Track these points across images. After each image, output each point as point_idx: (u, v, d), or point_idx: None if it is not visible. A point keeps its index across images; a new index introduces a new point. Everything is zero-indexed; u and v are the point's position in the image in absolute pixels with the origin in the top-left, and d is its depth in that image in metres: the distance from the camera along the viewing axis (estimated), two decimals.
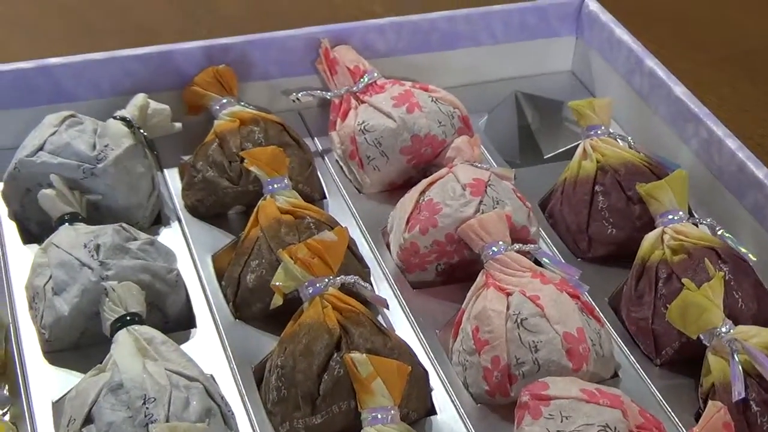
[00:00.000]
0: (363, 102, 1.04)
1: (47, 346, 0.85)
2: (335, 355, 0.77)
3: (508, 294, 0.82)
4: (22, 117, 1.01)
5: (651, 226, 0.90)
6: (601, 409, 0.72)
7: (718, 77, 1.25)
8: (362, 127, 1.01)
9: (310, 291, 0.80)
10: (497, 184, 0.92)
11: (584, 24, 1.17)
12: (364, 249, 0.94)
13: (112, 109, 0.98)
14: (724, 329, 0.77)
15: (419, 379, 0.80)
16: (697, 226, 0.89)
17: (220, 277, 0.91)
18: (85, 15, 1.38)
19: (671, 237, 0.87)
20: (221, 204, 0.98)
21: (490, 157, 1.06)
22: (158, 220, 0.99)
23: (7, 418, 0.80)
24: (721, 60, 1.29)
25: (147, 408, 0.72)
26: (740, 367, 0.75)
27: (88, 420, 0.73)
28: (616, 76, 1.12)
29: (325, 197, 1.01)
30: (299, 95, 1.07)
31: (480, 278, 0.84)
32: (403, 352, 0.80)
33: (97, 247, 0.84)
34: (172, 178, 1.03)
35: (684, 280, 0.79)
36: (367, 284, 0.86)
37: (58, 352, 0.84)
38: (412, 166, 1.01)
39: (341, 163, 1.04)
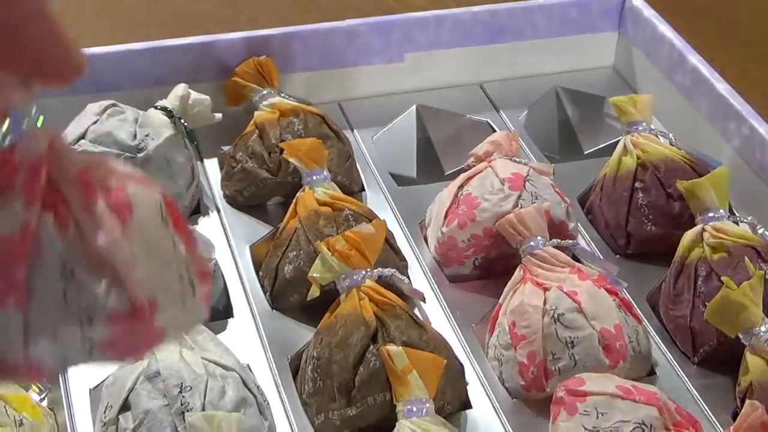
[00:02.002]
0: None
1: None
2: (371, 347, 0.77)
3: (546, 289, 0.81)
4: (64, 106, 1.01)
5: (691, 223, 0.89)
6: (637, 406, 0.72)
7: (762, 74, 1.24)
8: None
9: (347, 283, 0.80)
10: (536, 179, 0.92)
11: (627, 19, 1.17)
12: (402, 242, 0.94)
13: (153, 99, 0.99)
14: (763, 328, 0.76)
15: (455, 372, 0.80)
16: (737, 225, 0.88)
17: (257, 267, 0.92)
18: (126, 4, 1.38)
19: (711, 235, 0.86)
20: (260, 195, 0.98)
21: (529, 152, 1.05)
22: (197, 209, 0.99)
23: (45, 404, 0.80)
24: (766, 56, 1.27)
25: (183, 396, 0.72)
26: None
27: (125, 407, 0.74)
28: (658, 73, 1.12)
29: (363, 189, 1.01)
30: None
31: (517, 273, 0.84)
32: (439, 345, 0.80)
33: None
34: (212, 169, 1.03)
35: (723, 279, 0.78)
36: (405, 277, 0.86)
37: None
38: None
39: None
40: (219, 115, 1.01)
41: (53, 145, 0.31)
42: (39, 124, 0.35)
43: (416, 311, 0.86)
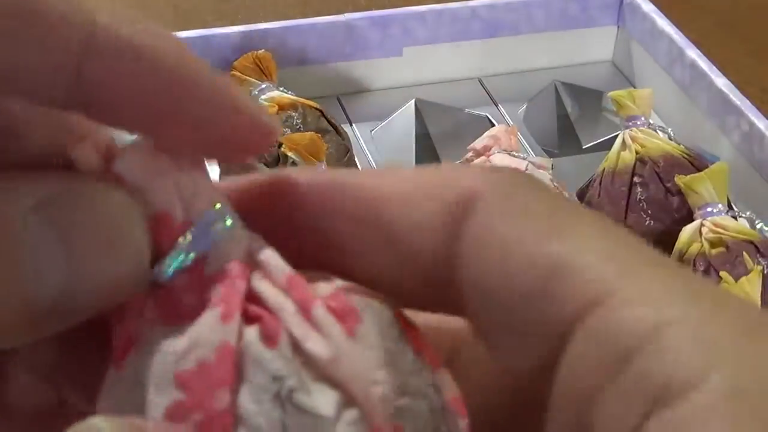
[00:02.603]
0: None
1: None
2: None
3: None
4: None
5: (689, 218, 0.89)
6: None
7: (761, 69, 1.24)
8: None
9: None
10: (535, 174, 0.92)
11: (626, 13, 1.17)
12: None
13: None
14: None
15: None
16: (736, 220, 0.88)
17: None
18: None
19: (710, 230, 0.86)
20: None
21: (528, 147, 1.05)
22: None
23: None
24: (765, 50, 1.27)
25: None
26: None
27: None
28: (657, 67, 1.12)
29: None
30: None
31: None
32: None
33: None
34: (210, 163, 1.03)
35: (722, 274, 0.78)
36: None
37: None
38: None
39: None
40: None
41: (251, 252, 0.26)
42: (228, 224, 0.26)
43: None
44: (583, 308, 0.22)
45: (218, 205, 0.26)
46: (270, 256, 0.26)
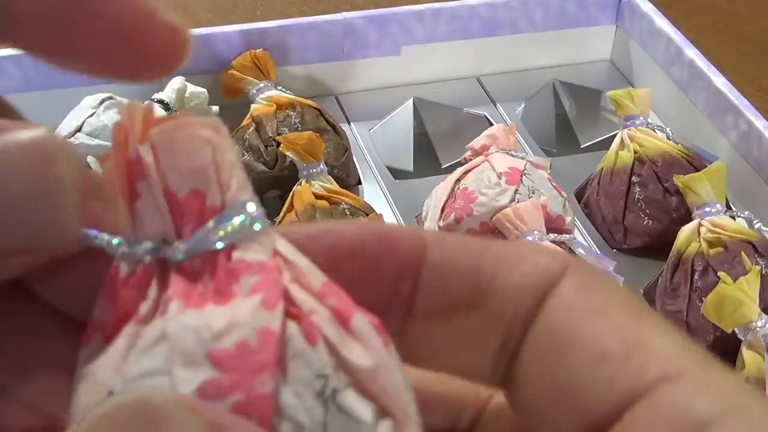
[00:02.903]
0: None
1: None
2: None
3: None
4: (60, 98, 1.01)
5: (688, 218, 0.90)
6: None
7: (759, 68, 1.24)
8: None
9: None
10: (533, 173, 0.92)
11: (624, 13, 1.17)
12: None
13: (150, 92, 0.99)
14: (759, 324, 0.76)
15: None
16: (734, 219, 0.88)
17: None
18: None
19: (708, 230, 0.86)
20: (256, 188, 0.97)
21: (526, 146, 1.05)
22: None
23: None
24: (763, 50, 1.27)
25: None
26: None
27: None
28: (655, 66, 1.12)
29: (360, 183, 1.01)
30: None
31: None
32: None
33: None
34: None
35: (720, 274, 0.78)
36: None
37: None
38: None
39: None
40: (216, 108, 1.01)
41: (282, 254, 0.26)
42: (256, 228, 0.25)
43: None
44: (654, 380, 0.24)
45: (253, 204, 0.25)
46: (304, 260, 0.25)
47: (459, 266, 0.27)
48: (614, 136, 0.99)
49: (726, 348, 0.81)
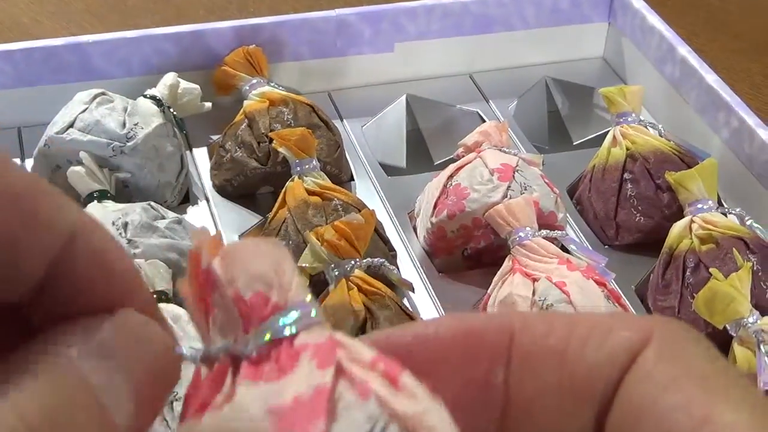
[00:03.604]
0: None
1: None
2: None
3: (534, 280, 0.82)
4: (53, 94, 1.01)
5: (679, 214, 0.90)
6: None
7: (750, 65, 1.24)
8: None
9: (336, 273, 0.80)
10: (525, 170, 0.92)
11: (617, 10, 1.17)
12: (391, 232, 0.94)
13: (143, 88, 0.99)
14: (751, 320, 0.77)
15: None
16: (726, 216, 0.88)
17: None
18: None
19: (700, 226, 0.86)
20: (249, 184, 0.98)
21: (518, 143, 1.05)
22: (186, 199, 0.99)
23: None
24: (755, 47, 1.28)
25: (175, 394, 0.72)
26: (766, 358, 0.75)
27: None
28: (647, 63, 1.12)
29: (353, 179, 1.01)
30: None
31: (506, 264, 0.84)
32: None
33: (125, 225, 0.85)
34: (201, 158, 1.03)
35: (712, 270, 0.79)
36: (394, 267, 0.86)
37: None
38: None
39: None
40: (209, 104, 1.01)
41: (340, 341, 0.28)
42: (314, 315, 0.29)
43: (405, 301, 0.86)
44: None
45: (309, 297, 0.28)
46: (354, 342, 0.28)
47: (548, 350, 0.28)
48: (606, 133, 0.99)
49: (717, 344, 0.81)
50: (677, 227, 0.88)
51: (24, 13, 1.30)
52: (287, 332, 0.27)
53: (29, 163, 0.98)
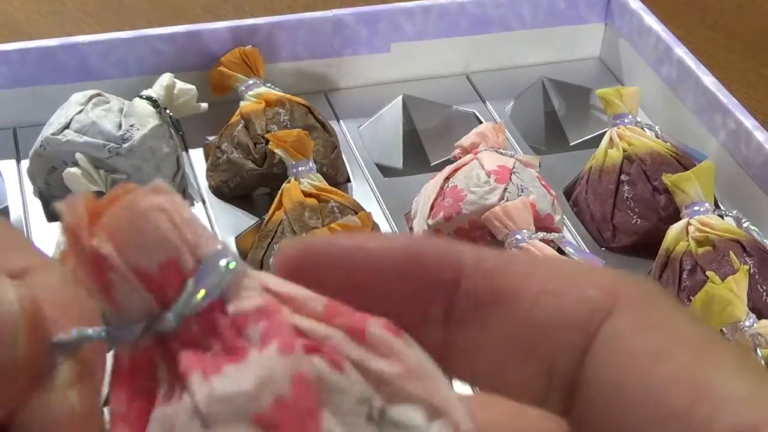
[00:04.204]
0: None
1: None
2: None
3: None
4: (48, 94, 1.01)
5: (676, 217, 0.90)
6: None
7: (747, 65, 1.24)
8: None
9: None
10: (522, 172, 0.92)
11: (614, 10, 1.17)
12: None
13: (138, 88, 0.98)
14: (747, 323, 0.77)
15: None
16: (722, 218, 0.88)
17: (243, 258, 0.91)
18: None
19: (696, 228, 0.86)
20: (245, 185, 0.98)
21: (515, 144, 1.05)
22: None
23: None
24: (751, 47, 1.28)
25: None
26: (763, 362, 0.75)
27: None
28: (644, 64, 1.12)
29: (349, 180, 1.01)
30: None
31: None
32: None
33: None
34: (197, 159, 1.03)
35: (708, 273, 0.79)
36: None
37: None
38: None
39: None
40: (205, 105, 1.01)
41: (271, 289, 0.25)
42: (231, 267, 0.25)
43: None
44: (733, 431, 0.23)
45: (219, 246, 0.25)
46: (296, 288, 0.25)
47: (498, 294, 0.26)
48: (603, 134, 0.99)
49: None
50: (674, 230, 0.88)
51: (19, 11, 1.30)
52: (211, 296, 0.24)
53: (25, 165, 0.97)
